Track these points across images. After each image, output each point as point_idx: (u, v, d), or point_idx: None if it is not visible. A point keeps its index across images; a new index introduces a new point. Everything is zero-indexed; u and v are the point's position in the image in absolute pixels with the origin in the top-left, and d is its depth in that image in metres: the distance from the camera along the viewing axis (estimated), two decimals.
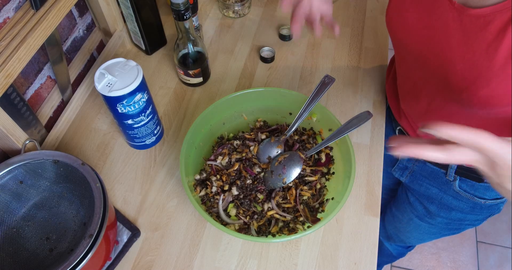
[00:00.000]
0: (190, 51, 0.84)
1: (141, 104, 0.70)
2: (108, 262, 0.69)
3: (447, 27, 0.55)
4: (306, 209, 0.69)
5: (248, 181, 0.70)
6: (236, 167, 0.71)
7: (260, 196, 0.69)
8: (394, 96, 0.82)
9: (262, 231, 0.68)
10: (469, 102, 0.56)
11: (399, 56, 0.71)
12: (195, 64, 0.86)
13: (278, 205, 0.69)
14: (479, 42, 0.52)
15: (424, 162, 0.81)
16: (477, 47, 0.52)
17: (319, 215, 0.68)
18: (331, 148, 0.74)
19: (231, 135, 0.80)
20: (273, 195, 0.70)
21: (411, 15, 0.61)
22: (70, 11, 0.88)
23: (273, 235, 0.67)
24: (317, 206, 0.70)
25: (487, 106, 0.55)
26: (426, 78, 0.63)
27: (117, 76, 0.67)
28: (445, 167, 0.77)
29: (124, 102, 0.67)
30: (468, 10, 0.52)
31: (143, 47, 0.96)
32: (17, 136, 0.71)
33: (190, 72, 0.87)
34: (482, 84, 0.52)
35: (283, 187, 0.70)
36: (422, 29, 0.59)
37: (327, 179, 0.73)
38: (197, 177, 0.72)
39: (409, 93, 0.70)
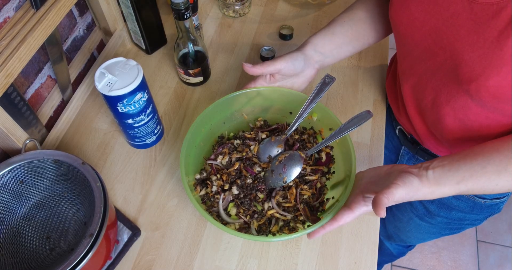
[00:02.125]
0: (190, 51, 0.84)
1: (141, 103, 0.70)
2: (109, 262, 0.69)
3: (456, 16, 0.55)
4: (306, 208, 0.69)
5: (249, 181, 0.70)
6: (236, 167, 0.71)
7: (261, 196, 0.69)
8: (394, 94, 0.81)
9: (263, 230, 0.68)
10: (477, 93, 0.55)
11: (402, 50, 0.70)
12: (195, 64, 0.86)
13: (278, 204, 0.69)
14: (490, 30, 0.51)
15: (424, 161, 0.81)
16: (488, 35, 0.51)
17: (319, 214, 0.68)
18: (331, 148, 0.74)
19: (232, 134, 0.80)
20: (273, 194, 0.70)
21: (416, 7, 0.60)
22: (70, 10, 0.88)
23: (274, 234, 0.67)
24: (317, 205, 0.70)
25: (495, 98, 0.54)
26: (433, 71, 0.63)
27: (118, 76, 0.67)
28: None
29: (124, 101, 0.68)
30: None
31: (143, 47, 0.96)
32: (17, 135, 0.71)
33: (190, 71, 0.87)
34: (492, 73, 0.52)
35: (283, 186, 0.70)
36: (428, 21, 0.59)
37: (328, 178, 0.73)
38: (197, 176, 0.72)
39: (415, 88, 0.70)
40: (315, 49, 0.73)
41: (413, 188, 0.52)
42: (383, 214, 0.49)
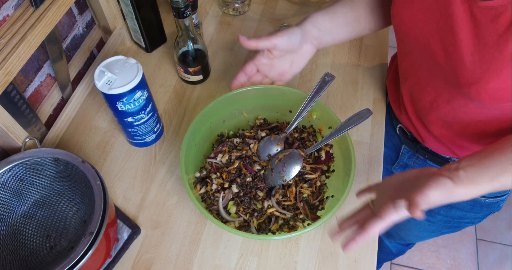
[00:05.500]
0: (190, 49, 0.84)
1: (141, 101, 0.70)
2: (109, 260, 0.69)
3: (456, 19, 0.55)
4: (306, 207, 0.69)
5: (248, 179, 0.70)
6: (236, 165, 0.71)
7: (260, 194, 0.69)
8: (395, 92, 0.81)
9: (262, 229, 0.68)
10: (477, 95, 0.55)
11: (404, 50, 0.70)
12: (195, 62, 0.86)
13: (278, 202, 0.69)
14: (490, 33, 0.51)
15: (425, 160, 0.81)
16: (488, 39, 0.51)
17: (319, 213, 0.68)
18: (331, 146, 0.74)
19: (231, 133, 0.80)
20: (273, 192, 0.70)
21: (418, 6, 0.60)
22: (70, 8, 0.88)
23: (273, 233, 0.67)
24: (317, 203, 0.70)
25: (495, 100, 0.55)
26: (433, 72, 0.63)
27: (117, 74, 0.67)
28: (445, 164, 0.77)
29: (124, 99, 0.67)
30: (478, 1, 0.51)
31: (143, 45, 0.96)
32: (17, 134, 0.71)
33: (190, 69, 0.87)
34: (491, 76, 0.52)
35: (283, 184, 0.70)
36: (429, 21, 0.59)
37: (327, 177, 0.73)
38: (197, 174, 0.72)
39: (415, 88, 0.70)
40: (314, 25, 0.72)
41: (447, 190, 0.50)
42: (419, 214, 0.47)
